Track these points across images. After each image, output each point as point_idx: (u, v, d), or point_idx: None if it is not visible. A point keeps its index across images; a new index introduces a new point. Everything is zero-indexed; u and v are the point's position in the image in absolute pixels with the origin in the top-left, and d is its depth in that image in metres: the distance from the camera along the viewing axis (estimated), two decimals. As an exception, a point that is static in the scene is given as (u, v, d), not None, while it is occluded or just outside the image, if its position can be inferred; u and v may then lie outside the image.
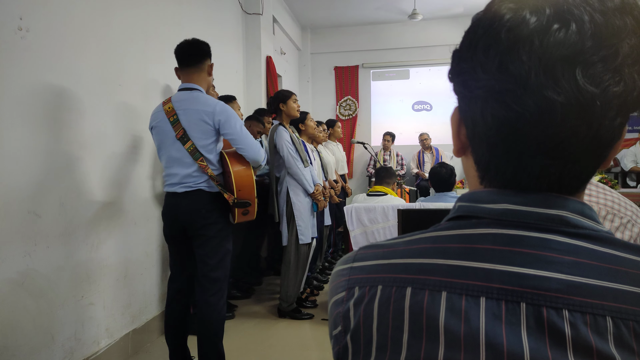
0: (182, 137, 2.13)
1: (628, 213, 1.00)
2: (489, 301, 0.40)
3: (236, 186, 2.14)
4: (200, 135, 2.14)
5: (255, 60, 4.95)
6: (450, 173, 3.01)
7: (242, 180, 2.17)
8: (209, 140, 2.16)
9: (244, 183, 2.17)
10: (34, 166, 1.99)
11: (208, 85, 2.31)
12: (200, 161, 2.13)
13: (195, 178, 2.16)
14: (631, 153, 5.94)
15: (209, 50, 2.28)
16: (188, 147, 2.12)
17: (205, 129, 2.14)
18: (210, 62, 2.29)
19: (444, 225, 0.48)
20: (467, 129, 0.47)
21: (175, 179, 2.19)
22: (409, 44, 7.34)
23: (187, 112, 2.14)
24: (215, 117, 2.13)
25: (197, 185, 2.16)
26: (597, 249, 0.41)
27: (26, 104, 1.95)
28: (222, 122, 2.14)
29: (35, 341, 1.97)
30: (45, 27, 2.04)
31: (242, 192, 2.16)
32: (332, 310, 0.51)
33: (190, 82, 2.23)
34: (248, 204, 2.16)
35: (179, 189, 2.18)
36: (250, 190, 2.19)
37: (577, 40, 0.39)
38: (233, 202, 2.14)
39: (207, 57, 2.26)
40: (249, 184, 2.19)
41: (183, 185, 2.17)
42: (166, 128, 2.17)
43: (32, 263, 1.96)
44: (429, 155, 6.78)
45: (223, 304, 2.24)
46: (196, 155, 2.13)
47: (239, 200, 2.15)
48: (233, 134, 2.15)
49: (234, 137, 2.16)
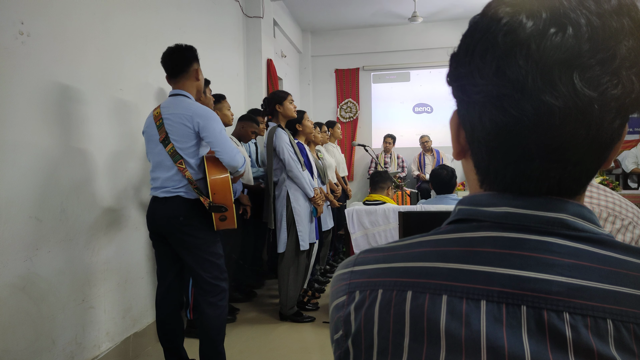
0: (164, 139, 2.16)
1: (629, 215, 1.00)
2: (489, 304, 0.40)
3: (211, 189, 2.15)
4: (180, 138, 2.16)
5: (256, 64, 4.95)
6: (451, 175, 3.01)
7: (217, 184, 2.17)
8: (189, 143, 2.17)
9: (219, 187, 2.17)
10: (35, 171, 1.99)
11: (198, 89, 2.32)
12: (179, 163, 2.15)
13: (174, 182, 2.18)
14: (632, 155, 5.93)
15: (192, 55, 2.28)
16: (169, 149, 2.16)
17: (185, 132, 2.16)
18: (197, 66, 2.29)
19: (444, 228, 0.48)
20: (466, 133, 0.47)
21: (158, 183, 2.21)
22: (409, 46, 7.35)
23: (170, 117, 2.17)
24: (194, 120, 2.15)
25: (176, 191, 2.18)
26: (598, 252, 0.41)
27: (27, 109, 1.95)
28: (201, 125, 2.15)
29: (36, 345, 1.97)
30: (46, 32, 2.05)
31: (217, 196, 2.16)
32: (333, 314, 0.50)
33: (178, 88, 2.27)
34: (224, 208, 2.16)
35: (160, 194, 2.20)
36: (226, 194, 2.18)
37: (574, 44, 0.38)
38: (209, 206, 2.15)
39: (191, 63, 2.27)
40: (225, 188, 2.18)
41: (163, 190, 2.19)
42: (153, 132, 2.21)
43: (33, 267, 1.96)
44: (429, 157, 6.77)
45: (224, 305, 2.26)
46: (175, 157, 2.15)
47: (214, 204, 2.15)
48: (210, 137, 2.16)
49: (211, 140, 2.17)
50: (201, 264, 2.21)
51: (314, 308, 3.55)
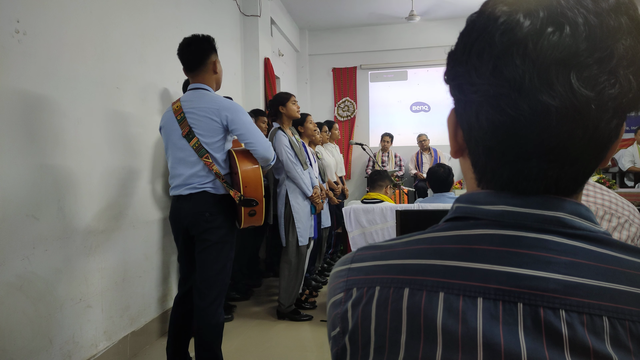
0: (187, 134, 2.09)
1: (625, 213, 1.01)
2: (486, 302, 0.41)
3: (243, 182, 2.07)
4: (207, 132, 2.09)
5: (254, 62, 4.95)
6: (448, 173, 3.02)
7: (249, 177, 2.10)
8: (216, 138, 2.11)
9: (251, 180, 2.10)
10: (32, 170, 1.99)
11: (217, 82, 2.24)
12: (205, 158, 2.07)
13: (200, 178, 2.10)
14: (629, 153, 5.96)
15: (210, 46, 2.19)
16: (193, 144, 2.08)
17: (213, 126, 2.09)
18: (215, 57, 2.21)
19: (441, 226, 0.48)
20: (463, 131, 0.47)
21: (180, 180, 2.14)
22: (407, 45, 7.35)
23: (194, 111, 2.10)
24: (222, 113, 2.08)
25: (202, 187, 2.10)
26: (595, 250, 0.42)
27: (24, 107, 1.95)
28: (230, 118, 2.09)
29: (33, 344, 1.96)
30: (42, 30, 2.04)
31: (249, 189, 2.09)
32: (330, 311, 0.51)
33: (197, 82, 2.19)
34: (255, 202, 2.09)
35: (184, 191, 2.13)
36: (258, 187, 2.11)
37: (571, 43, 0.38)
38: (239, 200, 2.07)
39: (208, 55, 2.17)
40: (257, 181, 2.11)
41: (188, 187, 2.12)
42: (173, 127, 2.14)
43: (30, 266, 1.96)
44: (427, 156, 6.78)
45: (221, 311, 2.18)
46: (201, 152, 2.08)
47: (245, 198, 2.07)
48: (242, 129, 2.10)
49: (243, 132, 2.10)
50: (213, 264, 2.13)
51: (312, 307, 3.56)
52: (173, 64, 3.23)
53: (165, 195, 3.04)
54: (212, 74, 2.20)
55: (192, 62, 2.17)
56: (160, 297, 3.02)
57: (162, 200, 3.04)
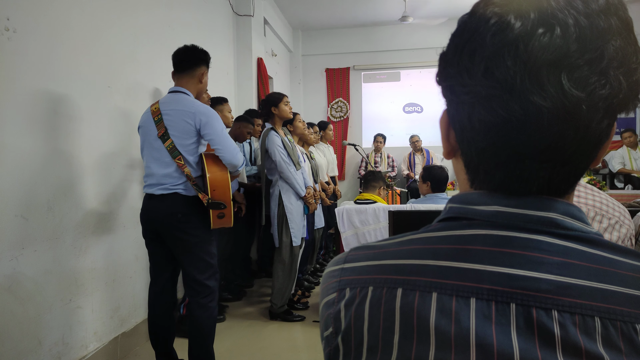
0: (162, 135, 2.14)
1: (616, 214, 1.02)
2: (479, 302, 0.41)
3: (210, 186, 2.13)
4: (180, 134, 2.14)
5: (246, 62, 4.94)
6: (447, 176, 3.06)
7: (216, 181, 2.16)
8: (189, 140, 2.16)
9: (219, 183, 2.16)
10: (22, 169, 1.96)
11: (198, 91, 2.32)
12: (177, 159, 2.13)
13: (173, 179, 2.15)
14: (619, 155, 6.02)
15: (204, 58, 2.29)
16: (167, 145, 2.13)
17: (187, 128, 2.14)
18: (205, 69, 2.30)
19: (434, 226, 0.48)
20: (455, 132, 0.47)
21: (153, 179, 2.18)
22: (400, 46, 7.37)
23: (170, 113, 2.15)
24: (197, 117, 2.14)
25: (175, 188, 2.15)
26: (587, 250, 0.42)
27: (13, 106, 1.92)
28: (203, 122, 2.14)
29: (22, 346, 1.94)
30: (33, 29, 2.02)
31: (217, 192, 2.14)
32: (323, 311, 0.50)
33: (180, 85, 2.26)
34: (223, 205, 2.14)
35: (157, 191, 2.17)
36: (225, 191, 2.17)
37: (561, 44, 0.38)
38: (207, 203, 2.12)
39: (200, 65, 2.28)
40: (224, 185, 2.17)
41: (160, 187, 2.16)
42: (150, 127, 2.18)
43: (19, 267, 1.93)
44: (419, 157, 6.81)
45: (214, 306, 2.23)
46: (174, 153, 2.13)
47: (213, 201, 2.13)
48: (212, 134, 2.15)
49: (213, 138, 2.16)
50: (196, 263, 2.18)
51: (304, 307, 3.56)
52: (165, 64, 3.21)
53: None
54: (197, 83, 2.30)
55: (183, 64, 2.26)
56: (152, 298, 3.00)
57: (154, 200, 3.01)
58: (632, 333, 0.38)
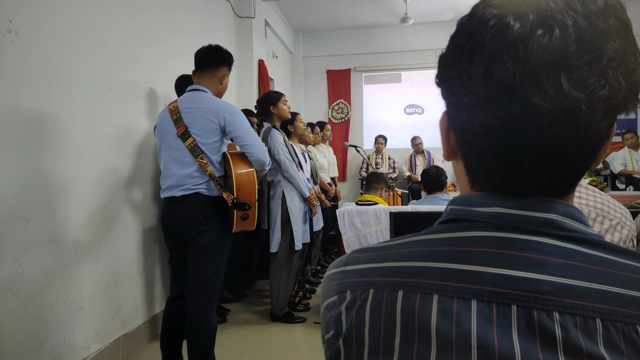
0: (183, 133, 2.07)
1: (617, 215, 1.01)
2: (480, 304, 0.41)
3: (236, 185, 2.04)
4: (203, 133, 2.07)
5: (247, 64, 4.94)
6: (440, 173, 3.05)
7: (242, 179, 2.07)
8: (212, 139, 2.09)
9: (245, 183, 2.08)
10: (23, 170, 1.97)
11: (218, 92, 2.26)
12: (200, 158, 2.05)
13: (194, 179, 2.08)
14: (620, 156, 6.02)
15: (227, 59, 2.25)
16: (188, 143, 2.06)
17: (210, 127, 2.07)
18: (227, 71, 2.26)
19: (435, 228, 0.48)
20: (455, 134, 0.47)
21: (173, 181, 2.11)
22: (400, 47, 7.37)
23: (191, 111, 2.09)
24: (220, 114, 2.07)
25: (196, 188, 2.08)
26: (587, 252, 0.42)
27: (15, 107, 1.93)
28: (228, 119, 2.07)
29: (23, 347, 1.94)
30: (35, 30, 2.02)
31: (242, 192, 2.06)
32: (324, 314, 0.50)
33: (200, 84, 2.20)
34: (248, 205, 2.06)
35: (177, 193, 2.09)
36: (251, 191, 2.09)
37: (561, 45, 0.39)
38: (232, 203, 2.04)
39: (222, 65, 2.23)
40: (250, 184, 2.09)
41: (181, 188, 2.09)
42: (168, 126, 2.12)
43: (21, 268, 1.94)
44: (420, 158, 6.80)
45: (213, 314, 2.16)
46: (196, 152, 2.05)
47: (238, 201, 2.04)
48: (238, 131, 2.08)
49: (239, 135, 2.08)
50: (206, 268, 2.10)
51: (305, 309, 3.55)
52: (167, 66, 3.23)
53: (158, 198, 3.02)
54: (218, 84, 2.24)
55: (205, 63, 2.20)
56: (153, 300, 3.00)
57: (155, 203, 3.02)
58: (634, 334, 0.38)
